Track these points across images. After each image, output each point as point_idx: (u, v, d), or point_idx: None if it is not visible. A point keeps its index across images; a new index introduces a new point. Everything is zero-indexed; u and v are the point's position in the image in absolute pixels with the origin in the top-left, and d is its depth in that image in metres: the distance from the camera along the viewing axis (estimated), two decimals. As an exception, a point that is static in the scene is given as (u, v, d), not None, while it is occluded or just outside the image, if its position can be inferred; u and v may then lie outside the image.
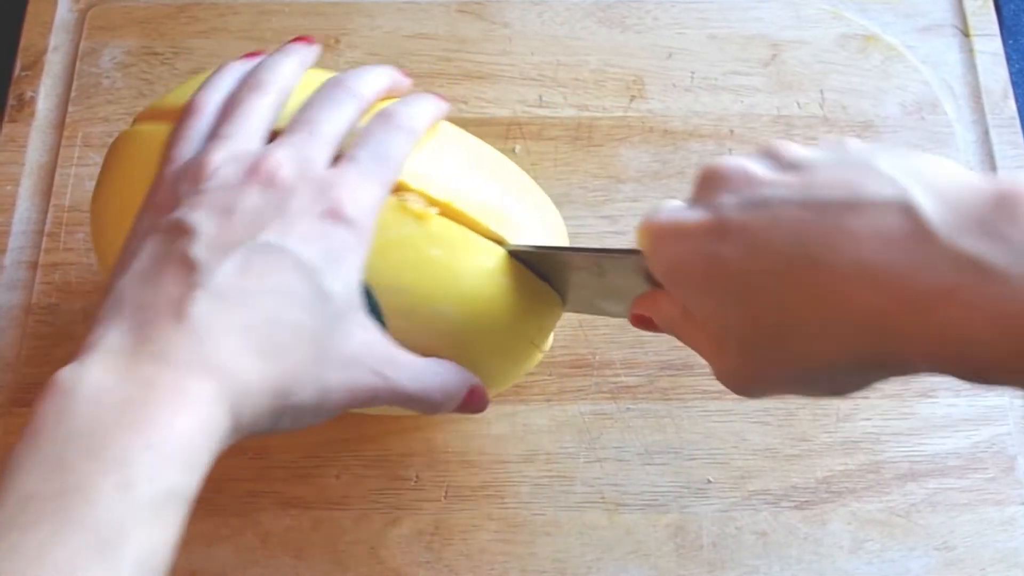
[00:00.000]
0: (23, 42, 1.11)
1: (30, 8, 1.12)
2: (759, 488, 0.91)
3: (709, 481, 0.91)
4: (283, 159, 0.66)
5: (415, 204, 0.72)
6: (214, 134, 0.69)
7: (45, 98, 1.08)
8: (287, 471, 0.91)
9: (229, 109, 0.71)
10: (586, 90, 1.08)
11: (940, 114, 1.07)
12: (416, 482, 0.91)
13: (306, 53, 0.76)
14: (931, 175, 0.55)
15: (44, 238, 1.00)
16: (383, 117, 0.72)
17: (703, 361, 0.68)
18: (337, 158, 0.69)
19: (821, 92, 1.08)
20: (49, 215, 1.01)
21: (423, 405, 0.70)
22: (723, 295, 0.61)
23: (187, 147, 0.69)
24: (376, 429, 0.93)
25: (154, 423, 0.55)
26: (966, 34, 1.11)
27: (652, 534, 0.89)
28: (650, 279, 0.71)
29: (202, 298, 0.59)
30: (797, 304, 0.57)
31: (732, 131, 1.05)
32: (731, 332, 0.62)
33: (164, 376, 0.57)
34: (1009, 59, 1.11)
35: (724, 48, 1.10)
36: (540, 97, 1.07)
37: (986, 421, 0.93)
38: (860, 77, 1.09)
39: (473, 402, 0.74)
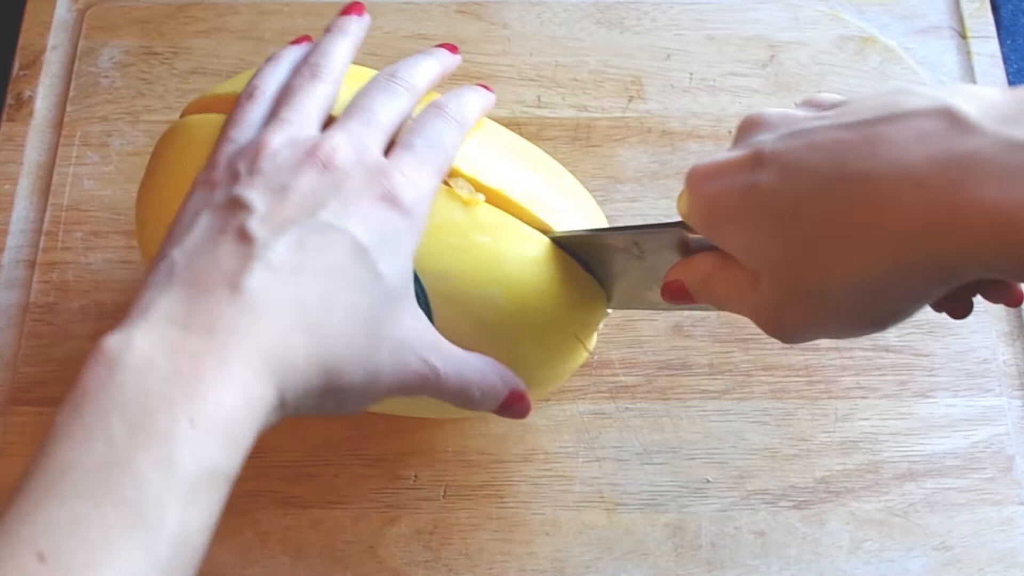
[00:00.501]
0: (22, 41, 1.11)
1: (29, 7, 1.12)
2: (758, 488, 0.91)
3: (708, 481, 0.91)
4: (340, 143, 0.66)
5: (463, 190, 0.73)
6: (272, 117, 0.70)
7: (43, 97, 1.08)
8: (286, 470, 0.91)
9: (286, 94, 0.72)
10: (585, 91, 1.08)
11: (938, 115, 1.07)
12: (415, 481, 0.91)
13: (358, 29, 0.77)
14: (965, 89, 0.55)
15: (42, 237, 1.00)
16: (435, 108, 0.73)
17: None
18: (389, 148, 0.70)
19: (819, 93, 1.08)
20: (47, 214, 1.01)
21: (462, 399, 0.70)
22: (761, 223, 0.60)
23: (245, 130, 0.70)
24: (375, 428, 0.93)
25: (200, 399, 0.55)
26: (963, 36, 1.11)
27: (651, 533, 0.89)
28: (685, 255, 0.71)
29: (258, 271, 0.59)
30: (834, 217, 0.56)
31: (730, 132, 1.06)
32: (769, 261, 0.62)
33: (213, 349, 0.57)
34: (1006, 60, 1.11)
35: (722, 49, 1.11)
36: (539, 97, 1.07)
37: (984, 421, 0.93)
38: (858, 78, 1.09)
39: (514, 405, 0.74)
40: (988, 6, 1.13)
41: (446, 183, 0.73)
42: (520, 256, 0.74)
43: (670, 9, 1.12)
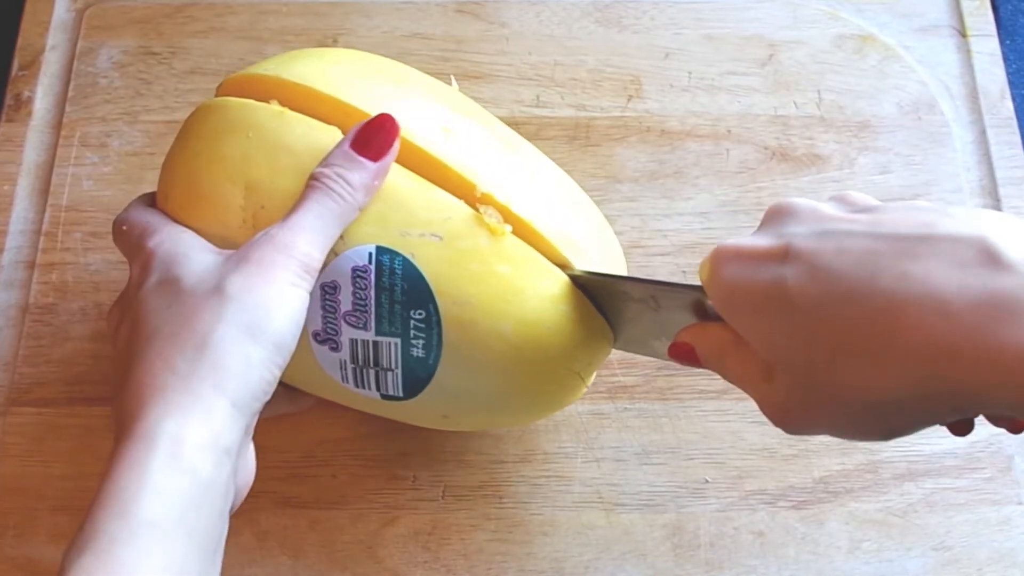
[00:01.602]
0: (20, 42, 1.11)
1: (28, 7, 1.12)
2: (756, 488, 0.91)
3: (706, 481, 0.91)
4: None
5: (492, 218, 0.73)
6: None
7: (42, 98, 1.08)
8: (284, 471, 0.92)
9: None
10: (583, 90, 1.08)
11: (937, 114, 1.07)
12: (414, 482, 0.91)
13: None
14: (1002, 220, 0.56)
15: (41, 238, 1.00)
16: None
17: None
18: None
19: (818, 92, 1.08)
20: (46, 215, 1.01)
21: None
22: (782, 318, 0.60)
23: None
24: (374, 429, 0.93)
25: None
26: (963, 34, 1.11)
27: (649, 534, 0.89)
28: (700, 317, 0.71)
29: None
30: (860, 330, 0.57)
31: (729, 131, 1.06)
32: (786, 357, 0.62)
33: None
34: (1006, 59, 1.11)
35: (721, 48, 1.10)
36: (537, 97, 1.07)
37: (983, 421, 0.93)
38: (857, 77, 1.09)
39: None
40: (988, 4, 1.13)
41: (475, 209, 0.73)
42: (538, 292, 0.74)
43: (668, 8, 1.12)
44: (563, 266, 0.76)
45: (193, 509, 0.61)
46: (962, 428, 0.64)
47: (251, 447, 0.71)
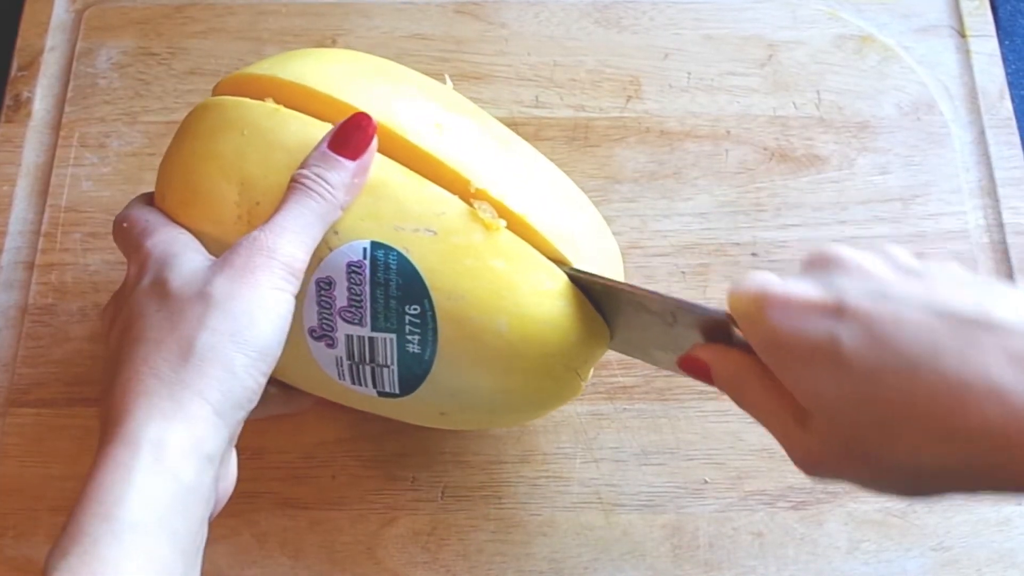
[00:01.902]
0: (19, 42, 1.11)
1: (27, 8, 1.12)
2: (755, 488, 0.91)
3: (706, 481, 0.91)
4: None
5: (485, 213, 0.73)
6: None
7: (41, 98, 1.08)
8: (284, 471, 0.92)
9: None
10: (583, 90, 1.08)
11: (936, 114, 1.07)
12: (413, 482, 0.91)
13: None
14: None
15: (40, 238, 1.00)
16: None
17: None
18: None
19: (817, 93, 1.08)
20: (46, 215, 1.01)
21: None
22: (833, 374, 0.60)
23: None
24: (373, 429, 0.93)
25: None
26: (962, 35, 1.11)
27: (648, 534, 0.89)
28: (714, 338, 0.71)
29: None
30: (918, 404, 0.57)
31: (728, 131, 1.06)
32: (830, 412, 0.62)
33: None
34: (1005, 60, 1.11)
35: (720, 49, 1.11)
36: (537, 97, 1.07)
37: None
38: (856, 78, 1.09)
39: None
40: (987, 5, 1.13)
41: (470, 204, 0.73)
42: (533, 287, 0.74)
43: (668, 8, 1.12)
44: (559, 262, 0.76)
45: (175, 513, 0.61)
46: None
47: (233, 455, 0.71)
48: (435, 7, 1.12)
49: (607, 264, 0.80)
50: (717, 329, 0.70)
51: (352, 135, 0.72)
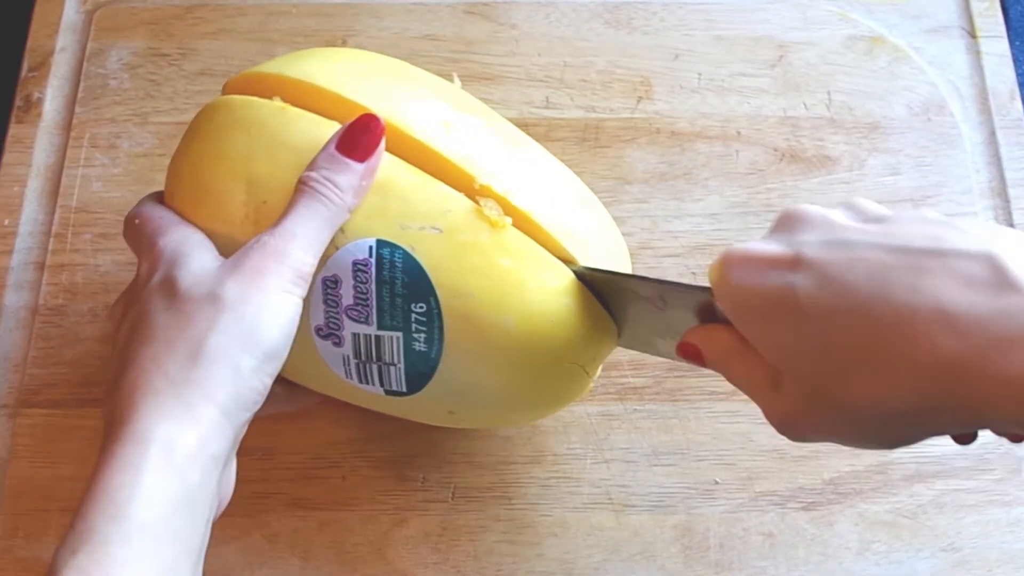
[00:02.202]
0: (30, 43, 1.11)
1: (37, 9, 1.12)
2: (766, 489, 0.91)
3: (716, 482, 0.91)
4: None
5: (491, 211, 0.72)
6: None
7: (52, 99, 1.08)
8: (294, 472, 0.92)
9: None
10: (593, 91, 1.08)
11: (947, 115, 1.07)
12: (423, 483, 0.91)
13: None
14: (1012, 237, 0.57)
15: (51, 239, 1.00)
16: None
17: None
18: None
19: (828, 93, 1.08)
20: (56, 216, 1.01)
21: None
22: (791, 326, 0.61)
23: None
24: (383, 430, 0.93)
25: None
26: (973, 35, 1.11)
27: (659, 535, 0.89)
28: (707, 319, 0.71)
29: None
30: (870, 342, 0.57)
31: (739, 132, 1.06)
32: (794, 365, 0.62)
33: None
34: (1016, 61, 1.11)
35: (731, 49, 1.10)
36: (547, 98, 1.07)
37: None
38: (867, 78, 1.09)
39: None
40: (998, 6, 1.13)
41: (475, 201, 0.73)
42: (539, 284, 0.74)
43: (678, 9, 1.12)
44: (565, 260, 0.76)
45: (182, 515, 0.62)
46: (966, 438, 0.65)
47: (234, 459, 0.71)
48: (445, 8, 1.12)
49: (615, 263, 0.80)
50: (706, 308, 0.70)
51: (360, 137, 0.72)
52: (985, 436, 0.91)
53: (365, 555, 0.89)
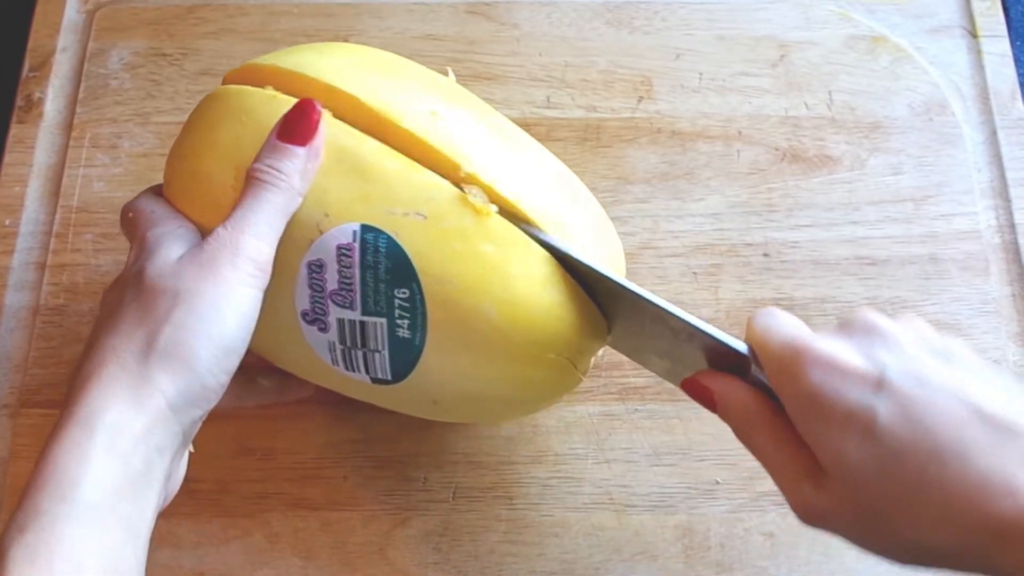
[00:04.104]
0: (31, 43, 1.11)
1: (38, 9, 1.13)
2: (767, 489, 0.91)
3: (717, 482, 0.91)
4: None
5: (476, 198, 0.72)
6: None
7: (53, 99, 1.08)
8: (295, 472, 0.92)
9: None
10: (594, 91, 1.08)
11: (948, 115, 1.07)
12: (424, 483, 0.91)
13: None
14: None
15: (52, 239, 1.00)
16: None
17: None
18: None
19: (829, 93, 1.08)
20: (57, 216, 1.01)
21: None
22: (864, 445, 0.62)
23: None
24: (384, 430, 0.93)
25: None
26: (974, 35, 1.11)
27: (660, 535, 0.89)
28: (716, 364, 0.71)
29: None
30: (941, 489, 0.60)
31: (740, 132, 1.06)
32: (851, 478, 0.63)
33: None
34: (1017, 60, 1.11)
35: (732, 49, 1.10)
36: (548, 98, 1.07)
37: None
38: (868, 78, 1.09)
39: None
40: (999, 5, 1.13)
41: (460, 188, 0.73)
42: (523, 272, 0.74)
43: (680, 9, 1.12)
44: (552, 250, 0.75)
45: (126, 499, 0.63)
46: None
47: (185, 455, 0.72)
48: (447, 7, 1.12)
49: (606, 261, 0.79)
50: (730, 359, 0.70)
51: (298, 122, 0.73)
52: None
53: (366, 555, 0.89)
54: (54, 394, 0.94)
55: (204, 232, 0.73)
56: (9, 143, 1.05)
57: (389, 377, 0.78)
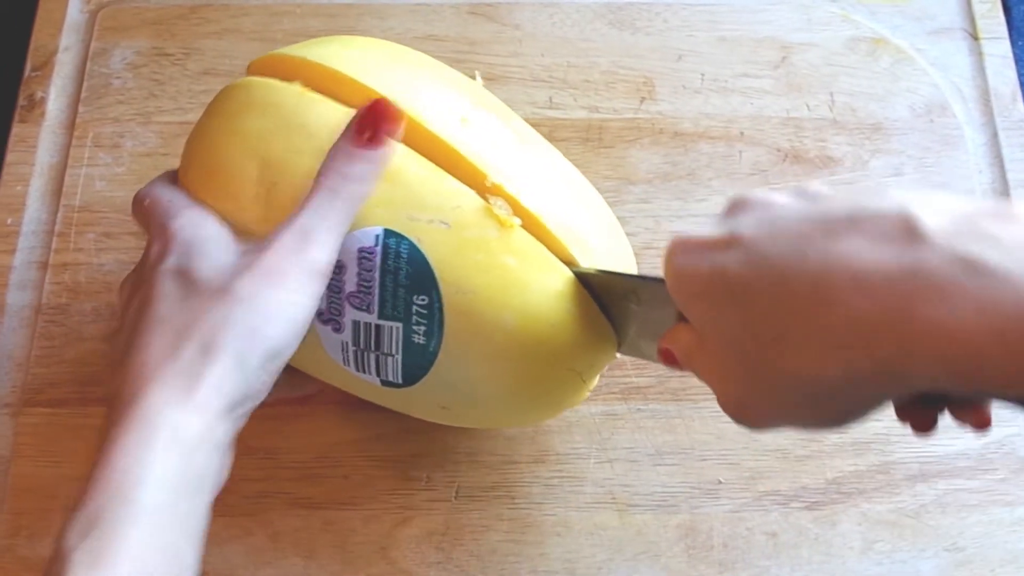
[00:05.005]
0: (34, 42, 1.11)
1: (41, 8, 1.13)
2: (769, 489, 0.91)
3: (720, 482, 0.91)
4: None
5: (500, 210, 0.73)
6: None
7: (55, 99, 1.08)
8: (297, 471, 0.92)
9: None
10: (596, 92, 1.08)
11: (949, 116, 1.07)
12: (426, 482, 0.91)
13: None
14: (930, 198, 0.56)
15: (54, 238, 1.00)
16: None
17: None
18: None
19: (831, 94, 1.08)
20: (59, 215, 1.01)
21: None
22: (725, 304, 0.61)
23: None
24: (386, 429, 0.93)
25: None
26: (975, 37, 1.11)
27: (663, 535, 0.89)
28: (680, 317, 0.71)
29: None
30: (792, 311, 0.57)
31: (742, 133, 1.06)
32: (731, 345, 0.62)
33: None
34: (1018, 62, 1.11)
35: (734, 50, 1.11)
36: (550, 99, 1.07)
37: (996, 422, 0.92)
38: (869, 80, 1.09)
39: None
40: (1000, 7, 1.13)
41: (485, 199, 0.73)
42: (543, 286, 0.74)
43: (682, 10, 1.12)
44: (568, 262, 0.76)
45: (186, 499, 0.63)
46: (923, 425, 0.63)
47: (232, 447, 0.72)
48: (449, 8, 1.12)
49: (618, 266, 0.80)
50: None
51: (375, 123, 0.72)
52: (989, 435, 0.92)
53: (368, 554, 0.89)
54: (56, 393, 0.94)
55: (226, 221, 0.73)
56: (11, 142, 1.05)
57: (400, 381, 0.78)
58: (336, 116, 0.74)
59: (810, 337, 0.56)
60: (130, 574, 0.59)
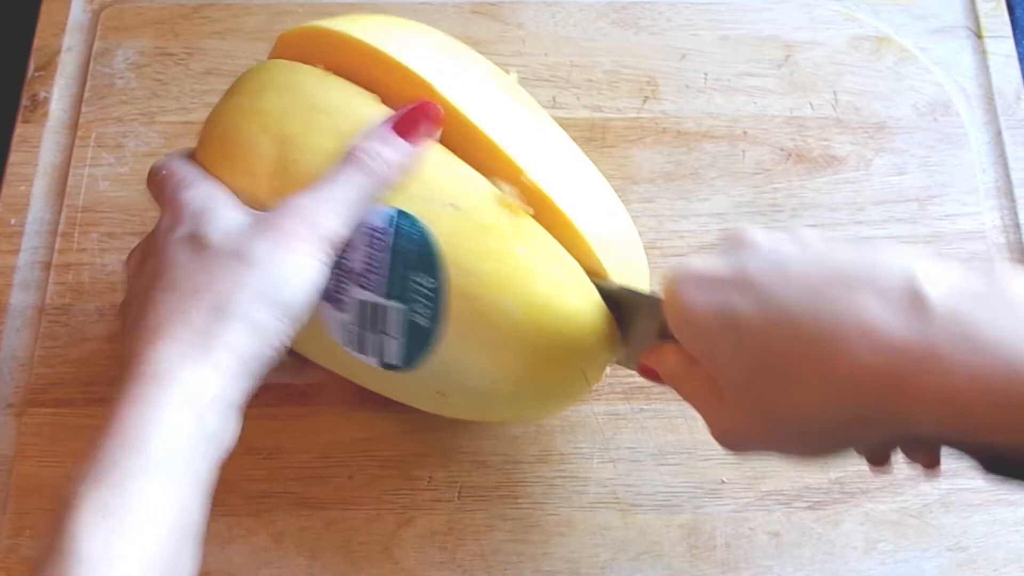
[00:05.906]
0: (36, 43, 1.11)
1: (44, 8, 1.13)
2: (772, 488, 0.91)
3: (722, 481, 0.91)
4: None
5: (512, 199, 0.73)
6: None
7: (59, 99, 1.08)
8: (300, 471, 0.92)
9: None
10: (599, 91, 1.08)
11: (953, 115, 1.07)
12: (430, 482, 0.91)
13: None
14: (932, 266, 0.59)
15: (58, 238, 1.00)
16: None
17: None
18: None
19: (834, 93, 1.08)
20: (63, 215, 1.01)
21: None
22: (733, 341, 0.63)
23: None
24: (389, 429, 0.93)
25: None
26: (979, 36, 1.11)
27: (665, 534, 0.89)
28: (661, 334, 0.72)
29: None
30: (802, 357, 0.60)
31: (745, 132, 1.06)
32: (733, 379, 0.64)
33: None
34: (1022, 60, 1.11)
35: (737, 49, 1.10)
36: (553, 98, 1.07)
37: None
38: (873, 79, 1.09)
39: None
40: (1004, 5, 1.13)
41: (499, 188, 0.73)
42: (551, 278, 0.74)
43: (685, 9, 1.12)
44: (593, 271, 0.76)
45: (198, 456, 0.64)
46: (880, 462, 0.70)
47: (240, 411, 0.72)
48: (452, 7, 1.12)
49: (635, 275, 0.80)
50: (664, 326, 0.71)
51: (419, 121, 0.74)
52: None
53: (371, 554, 0.89)
54: (59, 393, 0.94)
55: (241, 198, 0.74)
56: (15, 142, 1.05)
57: (400, 363, 0.77)
58: (356, 100, 0.75)
59: (818, 381, 0.60)
60: (141, 523, 0.60)
